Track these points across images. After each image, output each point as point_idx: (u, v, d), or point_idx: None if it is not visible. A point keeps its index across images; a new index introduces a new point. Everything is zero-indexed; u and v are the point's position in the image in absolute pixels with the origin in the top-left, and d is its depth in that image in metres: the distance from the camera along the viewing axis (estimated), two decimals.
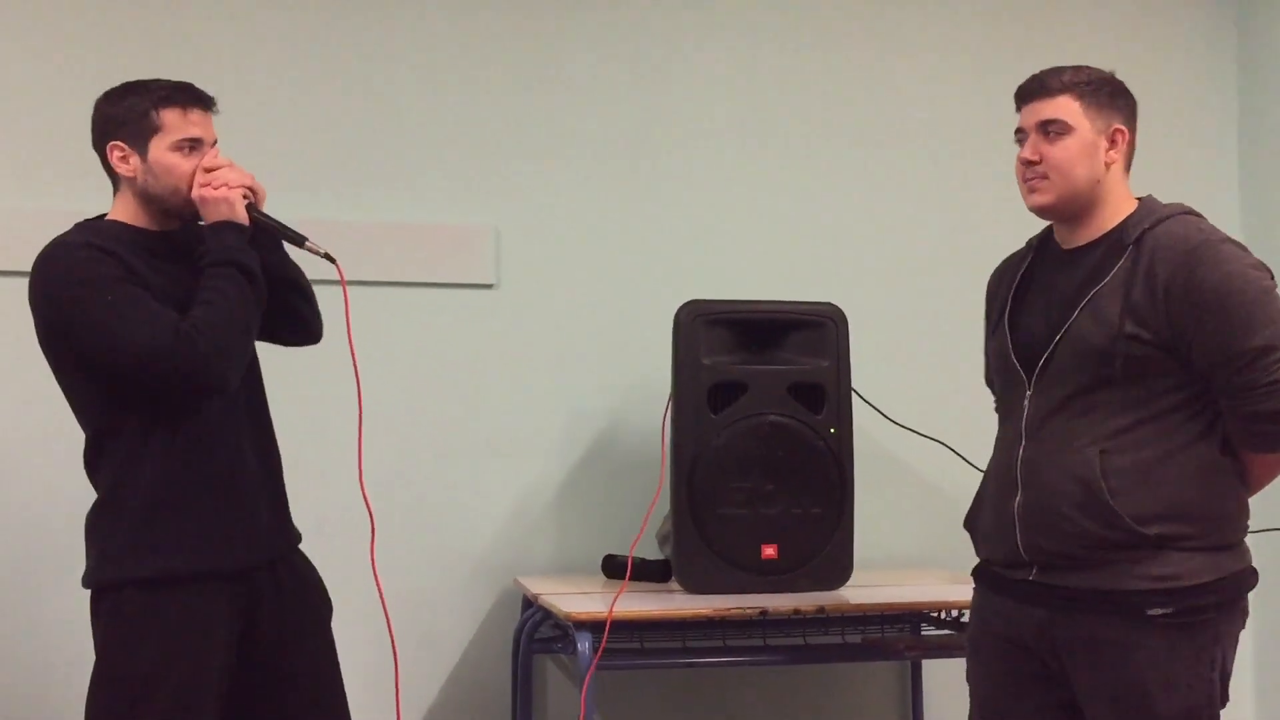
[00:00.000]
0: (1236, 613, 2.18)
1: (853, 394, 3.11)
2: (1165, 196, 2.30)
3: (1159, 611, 2.09)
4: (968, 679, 2.36)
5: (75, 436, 2.28)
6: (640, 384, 3.36)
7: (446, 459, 3.35)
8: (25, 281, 2.22)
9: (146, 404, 2.19)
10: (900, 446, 3.46)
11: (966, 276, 3.60)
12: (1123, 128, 2.23)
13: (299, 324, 2.45)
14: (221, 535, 2.23)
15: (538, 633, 3.12)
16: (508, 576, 3.34)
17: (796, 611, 2.84)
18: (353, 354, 2.40)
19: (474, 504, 3.37)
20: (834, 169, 3.61)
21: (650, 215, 3.50)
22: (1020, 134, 2.27)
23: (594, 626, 2.69)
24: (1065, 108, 2.20)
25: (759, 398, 3.02)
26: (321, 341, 2.51)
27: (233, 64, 3.25)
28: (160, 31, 3.24)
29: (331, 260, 2.33)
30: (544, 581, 3.19)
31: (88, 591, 2.25)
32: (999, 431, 2.36)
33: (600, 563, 3.26)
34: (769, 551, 3.00)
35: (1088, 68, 2.26)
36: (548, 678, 3.37)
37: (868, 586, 3.09)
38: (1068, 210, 2.23)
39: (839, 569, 3.05)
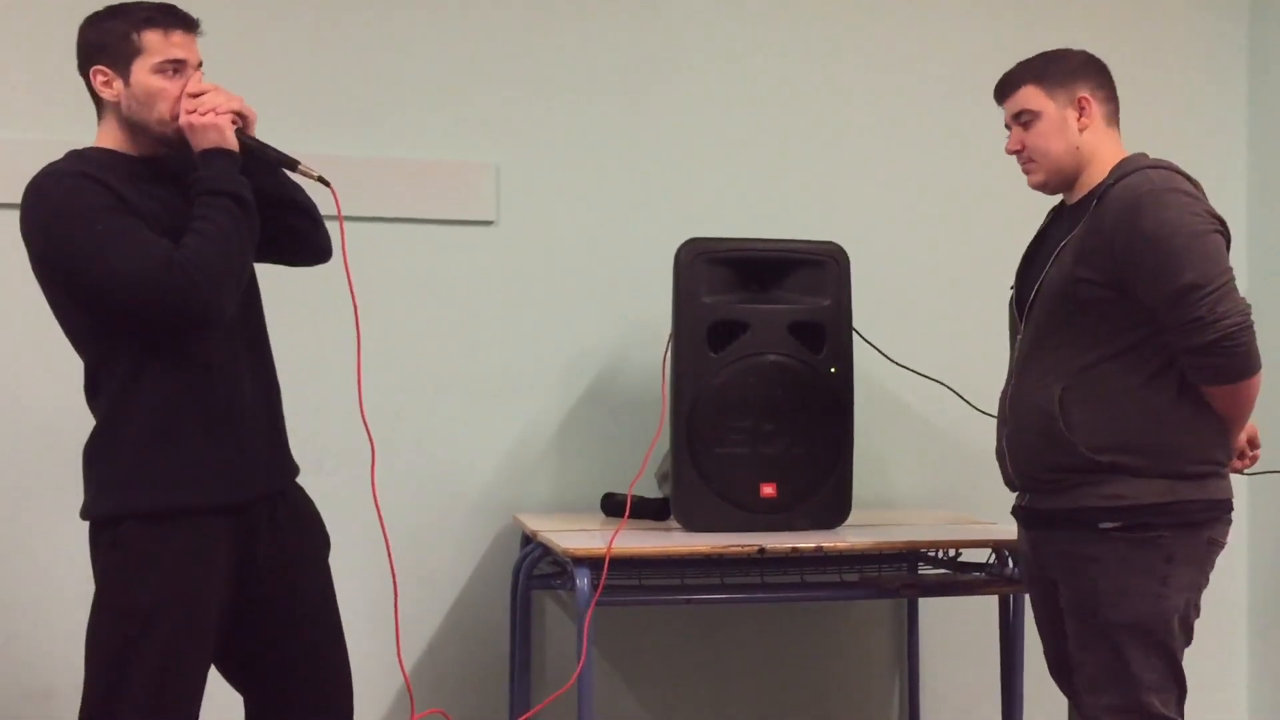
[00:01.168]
0: (1198, 540, 2.35)
1: (853, 334, 3.10)
2: (1173, 153, 2.37)
3: (1110, 524, 2.33)
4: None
5: (76, 365, 2.26)
6: (640, 322, 3.35)
7: (446, 396, 3.35)
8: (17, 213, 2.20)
9: (141, 335, 2.16)
10: (900, 387, 3.46)
11: (969, 218, 3.62)
12: (1087, 95, 2.44)
13: (305, 243, 2.40)
14: (220, 469, 2.22)
15: (536, 569, 3.14)
16: (507, 513, 3.36)
17: (794, 550, 2.85)
18: (349, 279, 2.37)
19: (473, 441, 3.37)
20: (837, 105, 3.58)
21: (651, 153, 3.47)
22: (1007, 128, 2.53)
23: (592, 563, 2.70)
24: (1028, 96, 2.45)
25: (759, 336, 3.01)
26: (327, 264, 2.46)
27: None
28: None
29: (326, 184, 2.30)
30: (543, 519, 3.20)
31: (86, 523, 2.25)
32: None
33: (600, 501, 3.27)
34: (767, 490, 3.01)
35: (1046, 52, 2.49)
36: (546, 613, 3.39)
37: (866, 526, 3.10)
38: (1060, 181, 2.49)
39: (837, 508, 3.06)
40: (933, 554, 3.17)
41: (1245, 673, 3.81)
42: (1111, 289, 2.32)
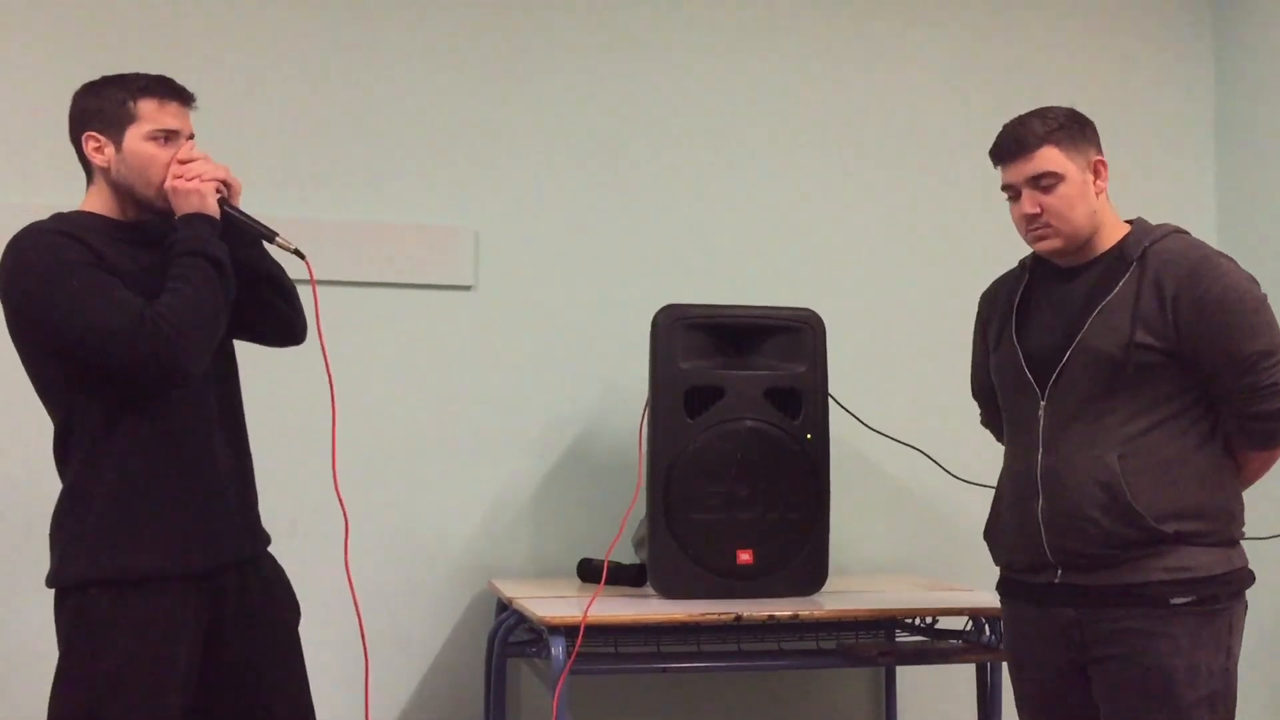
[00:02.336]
0: (1242, 606, 2.31)
1: (829, 399, 3.11)
2: (1143, 205, 2.38)
3: (1181, 600, 2.23)
4: (1015, 691, 2.46)
5: (47, 429, 2.25)
6: (617, 387, 3.36)
7: (422, 461, 3.34)
8: None
9: (112, 393, 2.16)
10: (876, 452, 3.47)
11: (944, 284, 3.65)
12: (1100, 157, 2.36)
13: (279, 322, 2.42)
14: (188, 535, 2.21)
15: (512, 636, 3.11)
16: (482, 579, 3.34)
17: (771, 617, 2.84)
18: (324, 351, 2.37)
19: (449, 506, 3.36)
20: (813, 174, 3.62)
21: (629, 219, 3.50)
22: (1010, 190, 2.36)
23: (568, 631, 2.68)
24: (1050, 159, 2.31)
25: (736, 402, 3.02)
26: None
27: (212, 61, 3.23)
28: (139, 29, 3.23)
29: (301, 256, 2.31)
30: (519, 585, 3.18)
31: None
32: (1010, 443, 2.46)
33: (576, 566, 3.25)
34: (744, 556, 3.00)
35: (1051, 110, 2.36)
36: (521, 681, 3.36)
37: (843, 592, 3.09)
38: (1075, 246, 2.35)
39: (814, 574, 3.05)
40: (910, 621, 3.16)
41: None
42: (1165, 354, 2.25)
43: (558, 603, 2.88)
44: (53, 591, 2.21)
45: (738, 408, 3.02)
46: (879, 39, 3.68)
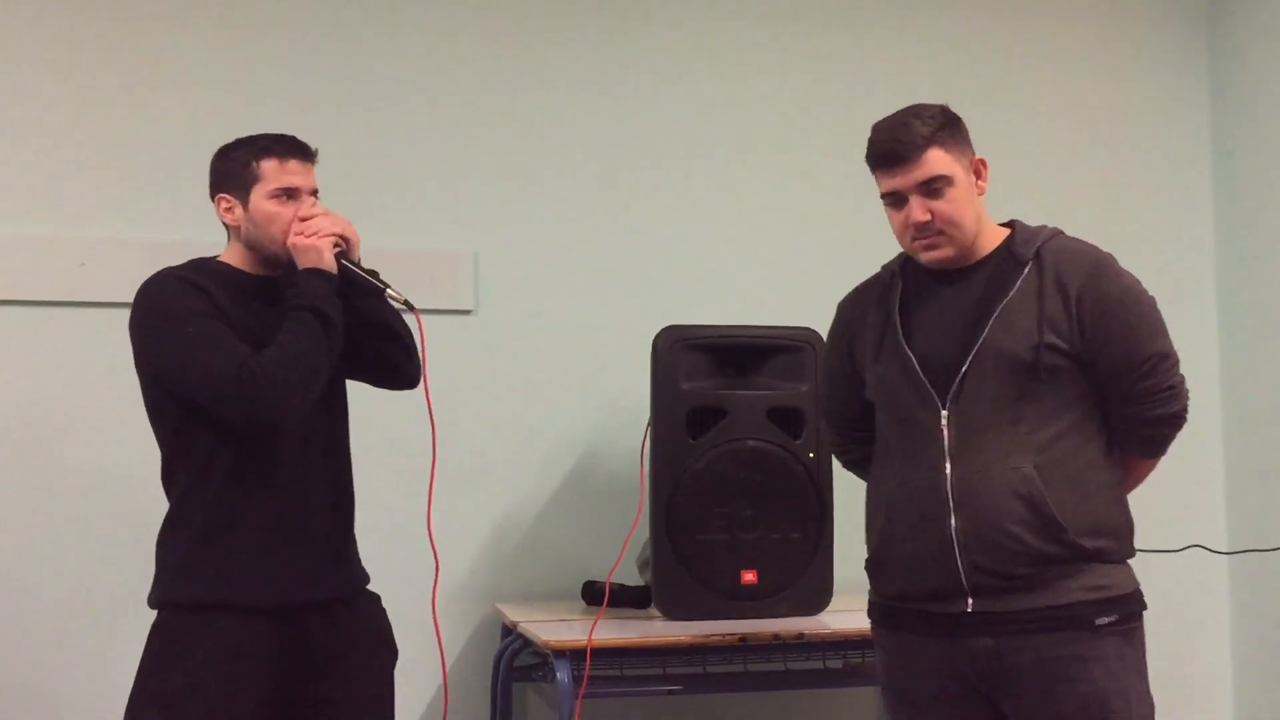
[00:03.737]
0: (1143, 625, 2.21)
1: None
2: (1142, 215, 2.35)
3: (1105, 620, 2.11)
4: None
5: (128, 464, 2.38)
6: (619, 409, 3.36)
7: (424, 484, 3.33)
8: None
9: (216, 431, 2.25)
10: None
11: None
12: (977, 156, 2.24)
13: (394, 369, 2.50)
14: (269, 568, 2.26)
15: (517, 660, 3.11)
16: (487, 603, 3.33)
17: (776, 637, 2.83)
18: (426, 392, 2.46)
19: (453, 530, 3.34)
20: (812, 193, 3.63)
21: (629, 241, 3.51)
22: (893, 198, 2.21)
23: (573, 655, 2.68)
24: (938, 162, 2.17)
25: (738, 422, 3.02)
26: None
27: (209, 86, 3.24)
28: (147, 65, 3.26)
29: (411, 308, 2.41)
30: (523, 609, 3.17)
31: None
32: (901, 461, 2.23)
33: (580, 589, 3.25)
34: (748, 577, 3.00)
35: (925, 109, 2.22)
36: (528, 705, 3.35)
37: (848, 611, 3.07)
38: (965, 253, 2.22)
39: (818, 594, 3.05)
40: None
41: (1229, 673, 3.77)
42: (1069, 356, 2.13)
43: (562, 626, 2.88)
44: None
45: (740, 428, 3.02)
46: (878, 58, 3.69)
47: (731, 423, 3.02)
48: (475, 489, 3.36)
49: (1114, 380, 2.15)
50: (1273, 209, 3.67)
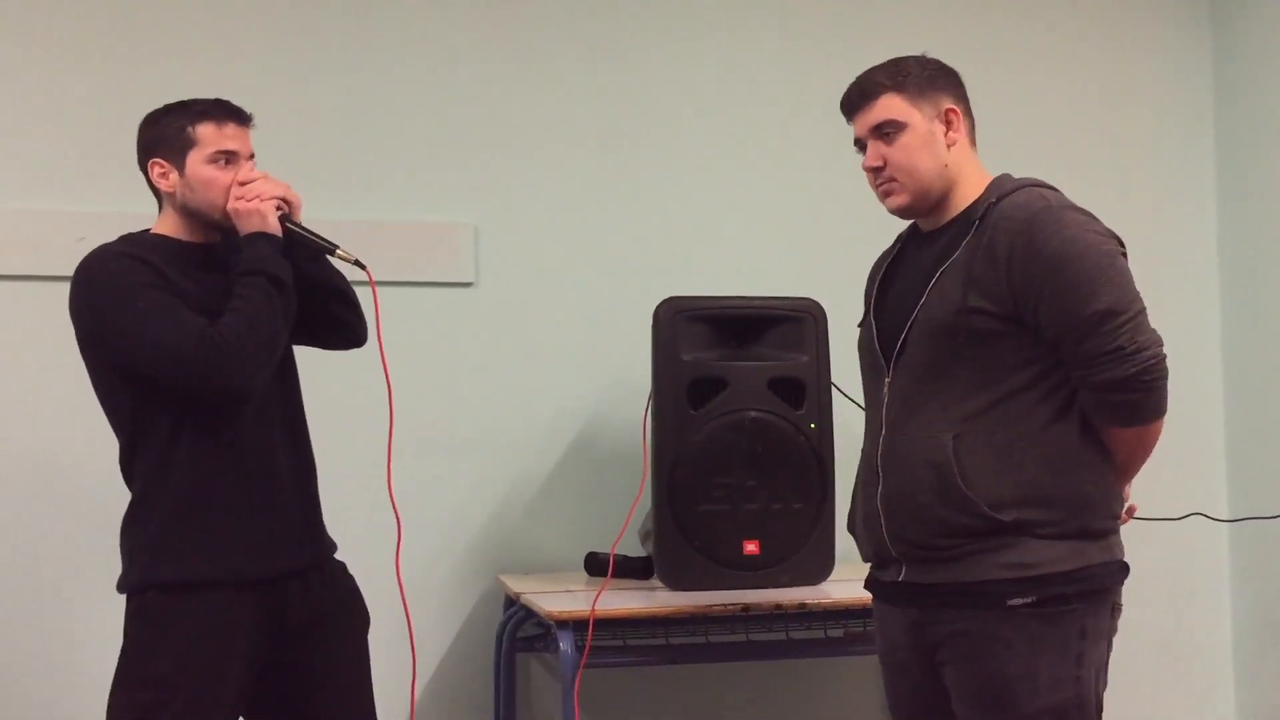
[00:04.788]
0: (1105, 608, 2.09)
1: (833, 388, 3.11)
2: (1143, 199, 2.30)
3: (1019, 601, 2.02)
4: (886, 693, 2.29)
5: (114, 442, 2.31)
6: (620, 381, 3.36)
7: (426, 457, 3.35)
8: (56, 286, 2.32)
9: (176, 408, 2.22)
10: None
11: None
12: (954, 106, 2.18)
13: (344, 329, 2.49)
14: (246, 543, 2.25)
15: (520, 631, 3.12)
16: (490, 575, 3.34)
17: (778, 607, 2.84)
18: (382, 355, 2.44)
19: (455, 502, 3.36)
20: (812, 163, 3.61)
21: (629, 212, 3.50)
22: (859, 144, 2.23)
23: (576, 625, 2.69)
24: (891, 106, 2.16)
25: (739, 393, 3.02)
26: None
27: (213, 64, 3.23)
28: (149, 37, 3.24)
29: (362, 267, 2.38)
30: (526, 580, 3.18)
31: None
32: (867, 424, 2.26)
33: (583, 560, 3.26)
34: (750, 547, 3.01)
35: (903, 60, 2.21)
36: (531, 675, 3.37)
37: (849, 580, 3.07)
38: (926, 203, 2.18)
39: (820, 564, 3.06)
40: None
41: (1229, 662, 3.79)
42: (1005, 320, 2.03)
43: (565, 597, 2.89)
44: (124, 598, 2.28)
45: (741, 399, 3.02)
46: (880, 28, 3.67)
47: (733, 393, 3.02)
48: (477, 461, 3.37)
49: (1056, 344, 2.04)
50: (1276, 178, 3.66)
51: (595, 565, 3.20)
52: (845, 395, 3.22)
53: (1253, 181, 3.74)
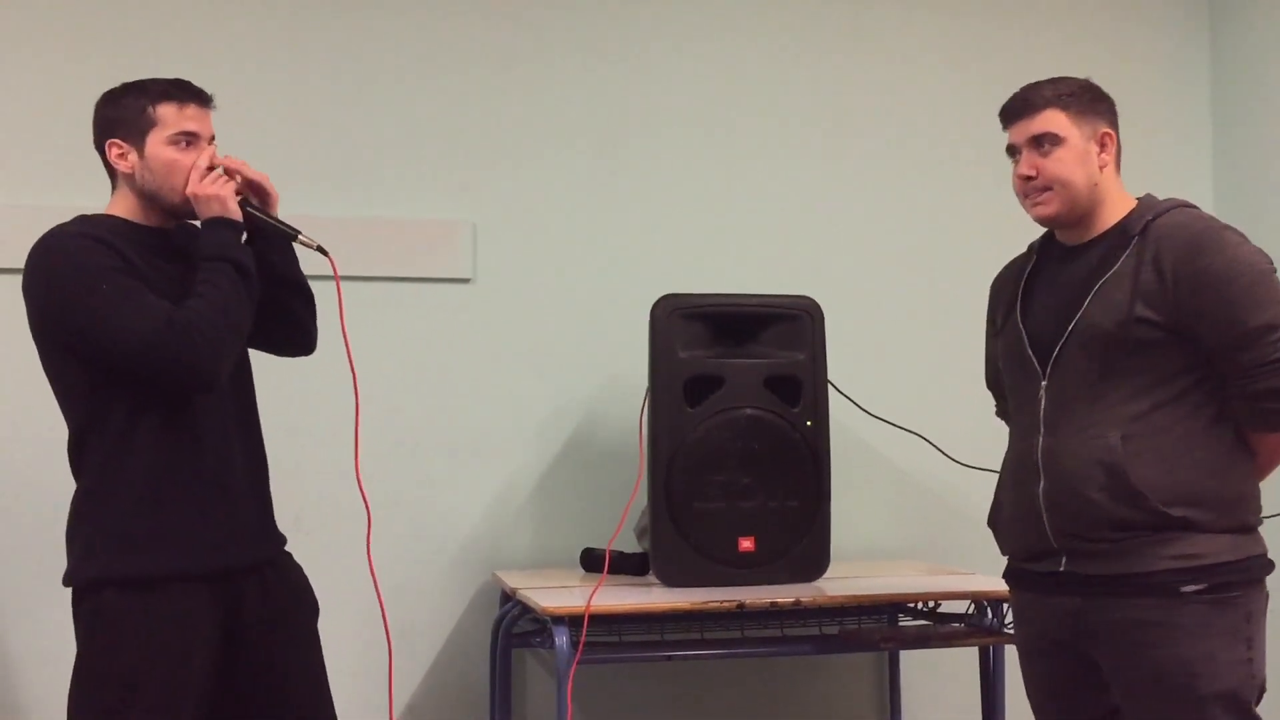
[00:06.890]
0: (1263, 596, 2.24)
1: (829, 386, 3.12)
2: (1139, 192, 2.36)
3: (1192, 588, 2.15)
4: (1024, 679, 2.41)
5: (63, 429, 2.26)
6: (617, 378, 3.37)
7: (424, 454, 3.35)
8: (18, 278, 2.22)
9: (133, 397, 2.17)
10: (876, 439, 3.48)
11: (942, 269, 3.66)
12: (1109, 130, 2.33)
13: (296, 329, 2.44)
14: (204, 537, 2.22)
15: (516, 627, 3.12)
16: (486, 571, 3.35)
17: (774, 604, 2.85)
18: (348, 348, 2.40)
19: (452, 498, 3.37)
20: (809, 162, 3.62)
21: (626, 210, 3.50)
22: (1013, 151, 2.35)
23: (572, 621, 2.69)
24: (1053, 120, 2.29)
25: (735, 391, 3.03)
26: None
27: (211, 60, 3.23)
28: (144, 30, 3.23)
29: (324, 253, 2.34)
30: (522, 575, 3.19)
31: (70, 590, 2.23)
32: (1012, 427, 2.42)
33: (579, 556, 3.27)
34: (746, 544, 3.01)
35: (1066, 78, 2.34)
36: (526, 671, 3.38)
37: (845, 578, 3.10)
38: (1072, 216, 2.31)
39: (816, 561, 3.07)
40: (912, 605, 3.18)
41: None
42: (1168, 330, 2.18)
43: (561, 593, 2.89)
44: (68, 590, 2.22)
45: (737, 396, 3.03)
46: (876, 27, 3.68)
47: (729, 391, 3.02)
48: (474, 457, 3.37)
49: (1217, 354, 2.19)
50: (1273, 184, 3.67)
51: (591, 561, 3.20)
52: (841, 393, 3.23)
53: (1249, 187, 3.75)
